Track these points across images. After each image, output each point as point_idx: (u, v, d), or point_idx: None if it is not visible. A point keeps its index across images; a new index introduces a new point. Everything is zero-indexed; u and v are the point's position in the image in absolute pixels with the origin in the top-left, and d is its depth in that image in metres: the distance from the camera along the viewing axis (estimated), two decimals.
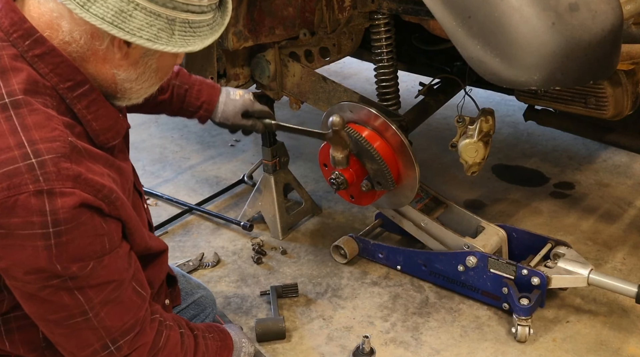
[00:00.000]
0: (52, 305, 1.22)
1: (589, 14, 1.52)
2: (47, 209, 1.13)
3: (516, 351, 2.01)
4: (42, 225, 1.13)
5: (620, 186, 2.91)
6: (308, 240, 2.63)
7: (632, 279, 2.28)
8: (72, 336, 1.28)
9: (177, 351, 1.44)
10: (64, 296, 1.21)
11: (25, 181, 1.12)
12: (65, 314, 1.24)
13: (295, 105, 2.39)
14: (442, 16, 1.63)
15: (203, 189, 3.06)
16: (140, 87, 1.33)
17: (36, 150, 1.14)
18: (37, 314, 1.25)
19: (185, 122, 3.82)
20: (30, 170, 1.13)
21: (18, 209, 1.12)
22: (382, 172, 2.05)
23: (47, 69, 1.22)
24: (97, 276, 1.24)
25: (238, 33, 2.12)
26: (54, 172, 1.14)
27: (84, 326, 1.26)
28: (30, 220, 1.13)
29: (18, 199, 1.11)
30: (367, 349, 1.96)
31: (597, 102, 2.08)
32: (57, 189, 1.13)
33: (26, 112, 1.17)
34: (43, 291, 1.20)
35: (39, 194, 1.12)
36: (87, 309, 1.24)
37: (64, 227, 1.15)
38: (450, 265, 2.21)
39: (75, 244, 1.18)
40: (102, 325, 1.28)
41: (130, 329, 1.33)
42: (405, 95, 2.58)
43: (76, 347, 1.29)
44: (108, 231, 1.24)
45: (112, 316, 1.29)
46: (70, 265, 1.19)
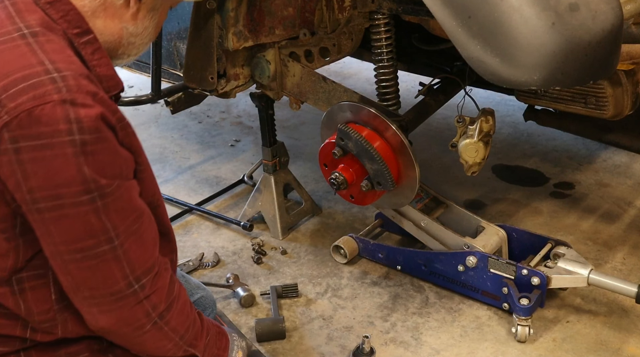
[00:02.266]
0: (81, 228, 1.23)
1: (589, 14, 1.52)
2: (71, 116, 1.17)
3: (516, 351, 2.01)
4: (69, 132, 1.17)
5: (620, 186, 2.91)
6: (308, 240, 2.63)
7: (632, 279, 2.28)
8: (98, 270, 1.27)
9: (188, 308, 1.46)
10: (92, 218, 1.23)
11: (49, 92, 1.16)
12: (92, 242, 1.25)
13: (295, 105, 2.39)
14: (442, 16, 1.63)
15: (203, 189, 3.06)
16: (141, 42, 1.43)
17: (57, 67, 1.20)
18: (64, 242, 1.24)
19: (186, 122, 3.82)
20: (53, 82, 1.18)
21: (45, 118, 1.16)
22: (382, 173, 2.05)
23: (57, 15, 1.29)
24: (121, 198, 1.26)
25: (238, 33, 2.12)
26: (75, 85, 1.19)
27: (110, 257, 1.27)
28: (57, 128, 1.16)
29: (44, 108, 1.15)
30: (367, 349, 1.96)
31: (597, 102, 2.08)
32: (79, 100, 1.18)
33: (44, 40, 1.24)
34: (73, 209, 1.21)
35: (63, 103, 1.16)
36: (113, 236, 1.26)
37: (88, 136, 1.18)
38: (450, 265, 2.21)
39: (101, 158, 1.22)
40: (126, 258, 1.29)
41: (151, 268, 1.34)
42: (405, 95, 2.58)
43: (102, 282, 1.29)
44: (124, 157, 1.28)
45: (135, 250, 1.30)
46: (99, 177, 1.21)
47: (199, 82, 2.22)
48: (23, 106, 1.15)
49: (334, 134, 2.13)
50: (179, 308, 1.42)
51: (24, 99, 1.16)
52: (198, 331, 1.50)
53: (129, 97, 2.44)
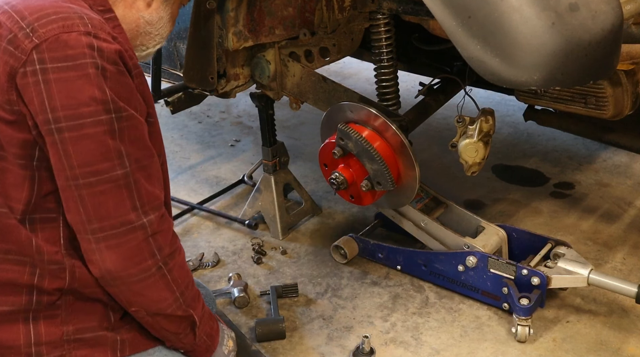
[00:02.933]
0: (98, 148, 1.30)
1: (589, 14, 1.52)
2: (95, 45, 1.29)
3: (516, 351, 2.01)
4: (92, 56, 1.28)
5: (620, 186, 2.91)
6: (308, 240, 2.63)
7: (632, 279, 2.28)
8: (110, 196, 1.32)
9: (187, 267, 1.51)
10: (108, 140, 1.31)
11: (77, 24, 1.30)
12: (108, 165, 1.31)
13: (295, 105, 2.39)
14: (442, 16, 1.63)
15: (203, 189, 3.06)
16: (157, 33, 1.56)
17: (85, 13, 1.34)
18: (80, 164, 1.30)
19: (186, 122, 3.82)
20: (80, 18, 1.31)
21: (72, 42, 1.27)
22: (382, 173, 2.05)
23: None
24: (135, 128, 1.35)
25: (238, 33, 2.12)
26: (99, 25, 1.33)
27: (122, 183, 1.33)
28: (82, 51, 1.28)
29: (71, 34, 1.28)
30: (367, 349, 1.96)
31: (597, 102, 2.08)
32: (102, 36, 1.31)
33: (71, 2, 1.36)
34: (93, 128, 1.29)
35: (88, 35, 1.29)
36: (126, 162, 1.33)
37: (108, 66, 1.30)
38: (450, 265, 2.21)
39: (119, 87, 1.32)
40: (137, 188, 1.35)
41: (159, 205, 1.41)
42: (405, 95, 2.58)
43: (113, 208, 1.33)
44: (139, 98, 1.39)
45: (144, 184, 1.37)
46: (118, 99, 1.31)
47: (199, 82, 2.22)
48: (53, 31, 1.27)
49: (334, 134, 2.13)
50: (180, 260, 1.47)
51: (54, 27, 1.28)
52: (196, 294, 1.53)
53: None
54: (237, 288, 2.27)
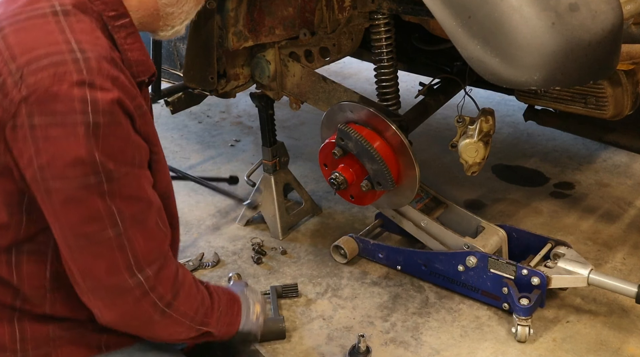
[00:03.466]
0: (86, 211, 1.22)
1: (589, 14, 1.52)
2: (88, 98, 1.18)
3: (516, 351, 2.01)
4: (83, 111, 1.17)
5: (620, 186, 2.91)
6: (308, 240, 2.63)
7: (632, 279, 2.28)
8: (102, 257, 1.26)
9: (195, 290, 1.44)
10: (98, 201, 1.22)
11: (69, 70, 1.17)
12: (97, 226, 1.24)
13: (295, 105, 2.39)
14: (442, 16, 1.63)
15: (203, 189, 3.06)
16: (181, 11, 1.44)
17: (82, 48, 1.21)
18: (70, 226, 1.24)
19: (186, 122, 3.82)
20: (75, 62, 1.18)
21: (62, 95, 1.17)
22: (382, 173, 2.05)
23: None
24: (129, 185, 1.26)
25: (238, 33, 2.12)
26: (96, 68, 1.20)
27: (114, 244, 1.25)
28: (72, 106, 1.17)
29: (62, 86, 1.17)
30: (363, 348, 1.96)
31: (597, 102, 2.08)
32: (98, 83, 1.19)
33: (74, 20, 1.25)
34: (80, 191, 1.21)
35: (81, 84, 1.17)
36: (118, 221, 1.25)
37: (102, 119, 1.19)
38: (450, 265, 2.21)
39: (112, 141, 1.22)
40: (131, 246, 1.27)
41: (156, 259, 1.32)
42: (405, 95, 2.58)
43: (105, 271, 1.27)
44: (138, 145, 1.28)
45: (139, 240, 1.29)
46: (108, 161, 1.21)
47: (199, 82, 2.23)
48: (42, 82, 1.17)
49: (334, 134, 2.13)
50: (185, 293, 1.40)
51: (44, 75, 1.17)
52: (208, 308, 1.48)
53: None
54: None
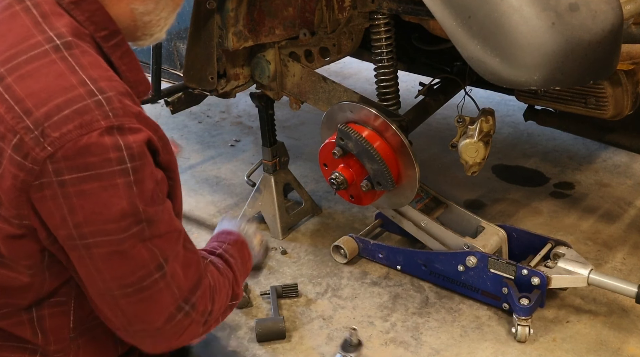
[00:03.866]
0: (132, 262, 1.17)
1: (589, 14, 1.52)
2: (121, 144, 1.10)
3: (516, 351, 2.01)
4: (119, 161, 1.10)
5: (620, 186, 2.91)
6: (308, 240, 2.63)
7: (632, 279, 2.28)
8: (150, 301, 1.22)
9: (222, 279, 1.42)
10: (142, 249, 1.17)
11: (96, 118, 1.09)
12: (143, 272, 1.19)
13: (295, 105, 2.39)
14: (442, 16, 1.63)
15: (203, 189, 3.06)
16: (159, 18, 1.33)
17: (100, 87, 1.12)
18: (115, 278, 1.18)
19: (186, 122, 3.82)
20: (99, 106, 1.10)
21: (93, 147, 1.08)
22: (382, 173, 2.05)
23: (83, 17, 1.21)
24: (164, 222, 1.21)
25: (238, 33, 2.12)
26: (121, 108, 1.12)
27: (162, 285, 1.21)
28: (107, 157, 1.09)
29: (91, 136, 1.08)
30: (355, 341, 1.96)
31: (597, 102, 2.08)
32: (127, 124, 1.12)
33: (79, 53, 1.16)
34: (124, 243, 1.15)
35: (111, 130, 1.10)
36: (162, 262, 1.20)
37: (139, 163, 1.13)
38: (450, 265, 2.21)
39: (147, 184, 1.16)
40: (175, 282, 1.24)
41: (197, 284, 1.29)
42: (405, 95, 2.58)
43: (156, 313, 1.23)
44: (160, 178, 1.23)
45: (179, 272, 1.25)
46: (148, 206, 1.16)
47: (199, 82, 2.23)
48: (69, 136, 1.07)
49: (334, 134, 2.13)
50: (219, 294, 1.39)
51: (70, 128, 1.07)
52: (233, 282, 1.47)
53: None
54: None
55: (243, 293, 1.56)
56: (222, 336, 2.11)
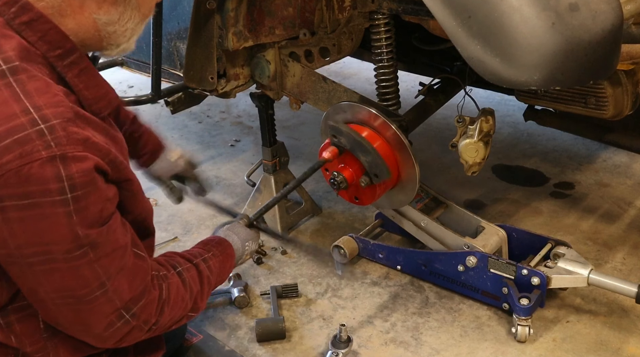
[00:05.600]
0: (73, 280, 1.20)
1: (589, 14, 1.52)
2: (62, 174, 1.11)
3: (516, 351, 2.01)
4: (60, 191, 1.11)
5: (620, 186, 2.91)
6: (308, 240, 2.63)
7: (632, 279, 2.28)
8: (90, 312, 1.25)
9: (182, 292, 1.44)
10: (85, 270, 1.19)
11: (37, 148, 1.10)
12: (86, 291, 1.22)
13: (295, 105, 2.39)
14: (442, 16, 1.63)
15: None
16: (125, 29, 1.32)
17: (43, 115, 1.12)
18: (55, 290, 1.21)
19: (186, 122, 3.82)
20: (40, 136, 1.10)
21: (33, 178, 1.09)
22: (376, 163, 2.02)
23: (35, 37, 1.20)
24: (108, 242, 1.23)
25: (238, 33, 2.12)
26: (64, 136, 1.12)
27: (103, 300, 1.24)
28: (47, 187, 1.10)
29: (32, 166, 1.09)
30: (345, 337, 1.97)
31: (597, 102, 2.08)
32: (70, 153, 1.12)
33: (25, 78, 1.15)
34: (65, 263, 1.17)
35: (53, 160, 1.10)
36: (105, 281, 1.23)
37: (81, 192, 1.13)
38: (450, 265, 2.21)
39: (92, 209, 1.17)
40: (117, 294, 1.26)
41: (141, 295, 1.32)
42: (405, 95, 2.58)
43: (94, 322, 1.27)
44: (112, 196, 1.24)
45: (124, 285, 1.27)
46: (90, 231, 1.17)
47: (199, 82, 2.23)
48: (9, 165, 1.08)
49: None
50: (170, 305, 1.41)
51: (10, 158, 1.08)
52: (197, 295, 1.49)
53: (129, 97, 2.44)
54: (237, 288, 2.27)
55: (205, 307, 1.58)
56: (222, 336, 2.11)
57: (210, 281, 1.55)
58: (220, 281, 1.63)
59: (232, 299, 2.26)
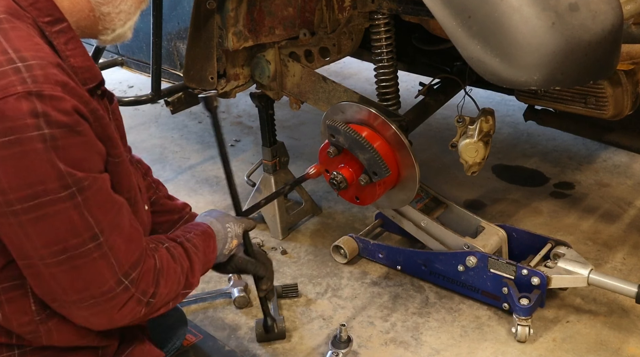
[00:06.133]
0: (62, 227, 1.15)
1: (589, 14, 1.52)
2: (39, 110, 1.09)
3: (516, 351, 2.01)
4: (36, 127, 1.09)
5: (620, 186, 2.91)
6: (308, 240, 2.63)
7: (632, 279, 2.28)
8: (85, 270, 1.20)
9: (173, 265, 1.41)
10: (73, 214, 1.15)
11: (12, 83, 1.08)
12: (77, 241, 1.17)
13: (295, 105, 2.39)
14: (442, 16, 1.63)
15: (203, 189, 3.06)
16: (119, 11, 1.32)
17: (22, 56, 1.11)
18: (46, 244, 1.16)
19: (186, 122, 3.82)
20: (16, 72, 1.09)
21: (9, 112, 1.07)
22: (374, 160, 2.02)
23: (26, 3, 1.21)
24: (100, 191, 1.20)
25: (238, 33, 2.12)
26: (42, 75, 1.10)
27: (97, 255, 1.20)
28: (24, 122, 1.08)
29: (7, 101, 1.07)
30: (345, 337, 1.97)
31: (597, 102, 2.08)
32: (47, 92, 1.10)
33: (8, 27, 1.15)
34: (52, 207, 1.13)
35: (29, 96, 1.08)
36: (97, 233, 1.19)
37: (57, 131, 1.11)
38: (450, 265, 2.21)
39: (75, 151, 1.14)
40: (113, 254, 1.22)
41: (138, 260, 1.28)
42: (405, 95, 2.58)
43: (91, 284, 1.22)
44: (100, 149, 1.21)
45: (120, 245, 1.24)
46: (75, 171, 1.14)
47: (199, 82, 2.23)
48: None
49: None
50: (165, 277, 1.37)
51: None
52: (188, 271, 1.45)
53: (129, 97, 2.44)
54: (237, 288, 2.27)
55: (198, 283, 1.52)
56: (222, 336, 2.11)
57: (198, 257, 1.51)
58: (207, 261, 1.57)
59: (232, 299, 2.26)
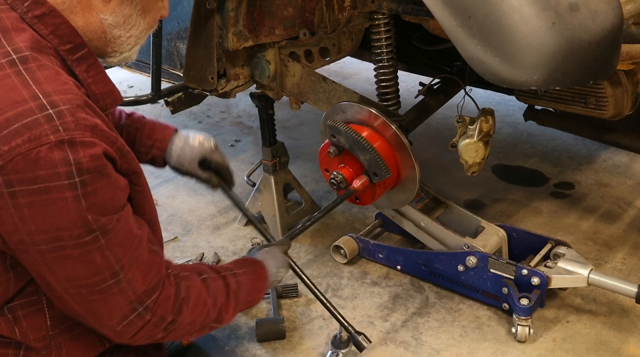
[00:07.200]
0: (85, 267, 1.20)
1: (589, 14, 1.52)
2: (70, 158, 1.12)
3: (516, 351, 2.01)
4: (68, 175, 1.12)
5: (620, 186, 2.91)
6: (308, 240, 2.63)
7: (632, 279, 2.28)
8: (103, 302, 1.25)
9: (204, 296, 1.43)
10: (96, 256, 1.20)
11: (45, 132, 1.11)
12: (98, 279, 1.22)
13: (295, 105, 2.39)
14: (442, 16, 1.63)
15: (203, 189, 3.06)
16: (129, 35, 1.35)
17: (52, 101, 1.14)
18: (68, 279, 1.21)
19: (186, 122, 3.82)
20: (49, 120, 1.12)
21: (42, 161, 1.11)
22: (375, 161, 2.02)
23: (47, 31, 1.23)
24: (122, 230, 1.23)
25: (238, 33, 2.12)
26: (73, 121, 1.13)
27: (115, 290, 1.24)
28: (56, 171, 1.11)
29: (40, 150, 1.10)
30: (345, 337, 1.97)
31: (597, 102, 2.08)
32: (78, 138, 1.13)
33: (35, 67, 1.17)
34: (76, 250, 1.17)
35: (61, 144, 1.12)
36: (117, 270, 1.23)
37: (87, 176, 1.14)
38: (450, 265, 2.21)
39: (101, 195, 1.18)
40: (130, 286, 1.26)
41: (154, 288, 1.32)
42: (405, 95, 2.58)
43: (108, 313, 1.27)
44: (123, 186, 1.25)
45: (137, 277, 1.28)
46: (100, 217, 1.18)
47: (199, 82, 2.23)
48: (18, 149, 1.10)
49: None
50: (190, 307, 1.40)
51: (18, 142, 1.10)
52: (222, 306, 1.48)
53: (129, 97, 2.44)
54: None
55: (230, 320, 1.56)
56: (222, 336, 2.11)
57: (238, 295, 1.54)
58: (251, 300, 1.61)
59: None
